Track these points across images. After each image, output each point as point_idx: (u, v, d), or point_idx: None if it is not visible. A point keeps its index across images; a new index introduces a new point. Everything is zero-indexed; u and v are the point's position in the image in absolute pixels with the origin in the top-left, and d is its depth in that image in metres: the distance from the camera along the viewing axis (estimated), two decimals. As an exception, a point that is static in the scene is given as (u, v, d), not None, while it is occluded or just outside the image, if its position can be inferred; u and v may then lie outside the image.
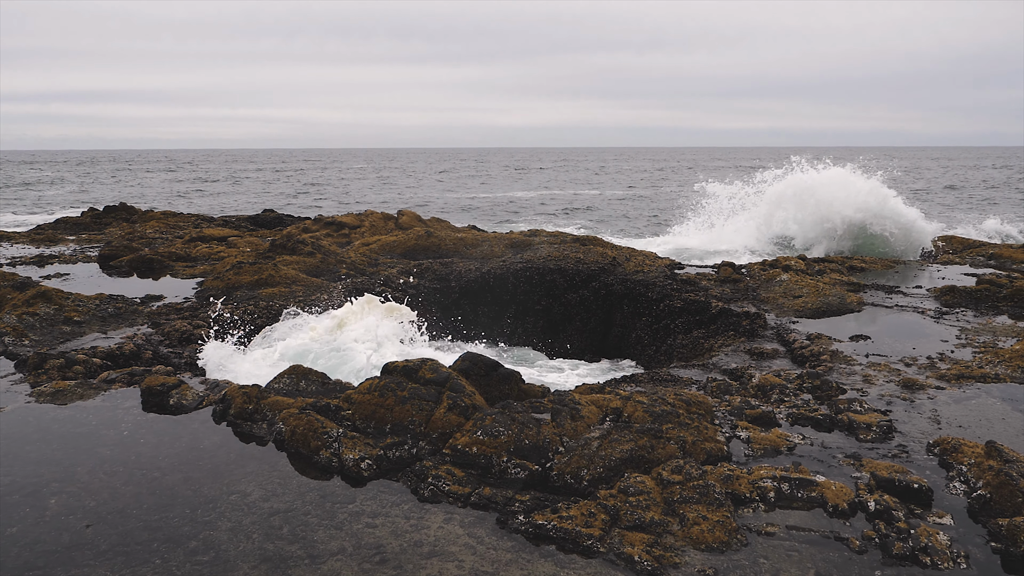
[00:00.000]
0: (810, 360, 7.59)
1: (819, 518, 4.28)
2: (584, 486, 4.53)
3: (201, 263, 13.38)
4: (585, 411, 5.30)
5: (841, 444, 5.34)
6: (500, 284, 12.66)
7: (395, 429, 5.16)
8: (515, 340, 12.51)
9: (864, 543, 4.01)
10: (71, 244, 16.44)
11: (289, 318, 9.17)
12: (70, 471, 4.83)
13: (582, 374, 10.51)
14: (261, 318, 9.60)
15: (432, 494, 4.52)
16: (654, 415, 5.22)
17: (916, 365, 7.31)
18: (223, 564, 3.79)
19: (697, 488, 4.35)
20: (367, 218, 17.34)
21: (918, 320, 9.35)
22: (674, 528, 4.09)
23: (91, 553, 3.89)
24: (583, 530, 4.03)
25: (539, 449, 4.82)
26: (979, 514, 4.33)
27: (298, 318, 9.16)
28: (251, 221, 20.67)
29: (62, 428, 5.57)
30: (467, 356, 6.01)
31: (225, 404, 5.82)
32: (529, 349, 12.30)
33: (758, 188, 22.03)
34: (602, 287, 12.32)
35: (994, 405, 6.16)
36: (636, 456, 4.70)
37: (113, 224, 19.65)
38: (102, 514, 4.28)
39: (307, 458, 5.01)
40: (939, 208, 33.37)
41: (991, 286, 10.67)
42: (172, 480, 4.72)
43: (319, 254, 13.04)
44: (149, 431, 5.54)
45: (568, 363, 11.32)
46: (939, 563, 3.81)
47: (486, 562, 3.83)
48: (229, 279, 10.93)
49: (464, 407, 5.25)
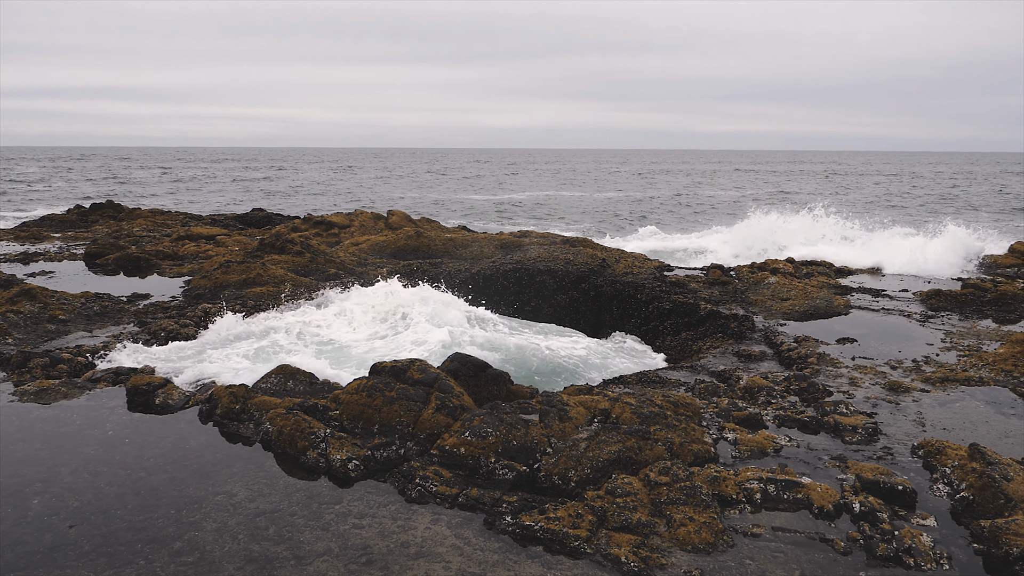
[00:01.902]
0: (797, 362, 7.63)
1: (805, 519, 4.30)
2: (572, 487, 4.53)
3: (189, 262, 13.31)
4: (573, 412, 5.30)
5: (827, 446, 5.37)
6: (490, 285, 12.66)
7: (383, 430, 5.15)
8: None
9: (849, 544, 4.04)
10: (57, 241, 16.31)
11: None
12: (53, 471, 4.79)
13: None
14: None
15: (419, 495, 4.51)
16: (642, 416, 5.23)
17: (901, 368, 7.36)
18: (208, 565, 3.77)
19: (684, 489, 4.36)
20: (357, 218, 17.29)
21: (904, 323, 9.42)
22: (661, 529, 4.10)
23: (74, 554, 3.86)
24: (570, 531, 4.03)
25: (527, 450, 4.82)
26: (962, 516, 4.36)
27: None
28: (240, 220, 20.58)
29: (45, 427, 5.52)
30: (456, 357, 6.00)
31: (211, 404, 5.79)
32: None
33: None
34: (592, 288, 12.34)
35: (978, 408, 6.22)
36: (624, 457, 4.70)
37: (100, 222, 19.52)
38: (85, 514, 4.25)
39: (294, 458, 4.99)
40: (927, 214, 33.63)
41: (976, 290, 10.76)
42: (157, 480, 4.69)
43: (308, 253, 13.00)
44: (134, 431, 5.51)
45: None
46: (922, 564, 3.84)
47: (473, 563, 3.82)
48: (217, 278, 10.88)
49: (452, 408, 5.24)
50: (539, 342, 9.74)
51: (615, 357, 9.52)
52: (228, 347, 8.20)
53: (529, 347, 9.20)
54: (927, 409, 6.17)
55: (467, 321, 10.10)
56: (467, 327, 9.82)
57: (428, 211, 28.04)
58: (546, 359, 8.89)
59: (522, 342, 9.39)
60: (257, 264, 11.41)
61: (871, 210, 31.89)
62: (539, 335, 10.58)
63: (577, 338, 10.73)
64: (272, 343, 8.47)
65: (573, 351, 9.49)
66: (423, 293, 10.52)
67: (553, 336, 10.73)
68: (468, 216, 28.56)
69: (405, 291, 10.49)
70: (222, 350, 8.03)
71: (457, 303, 10.55)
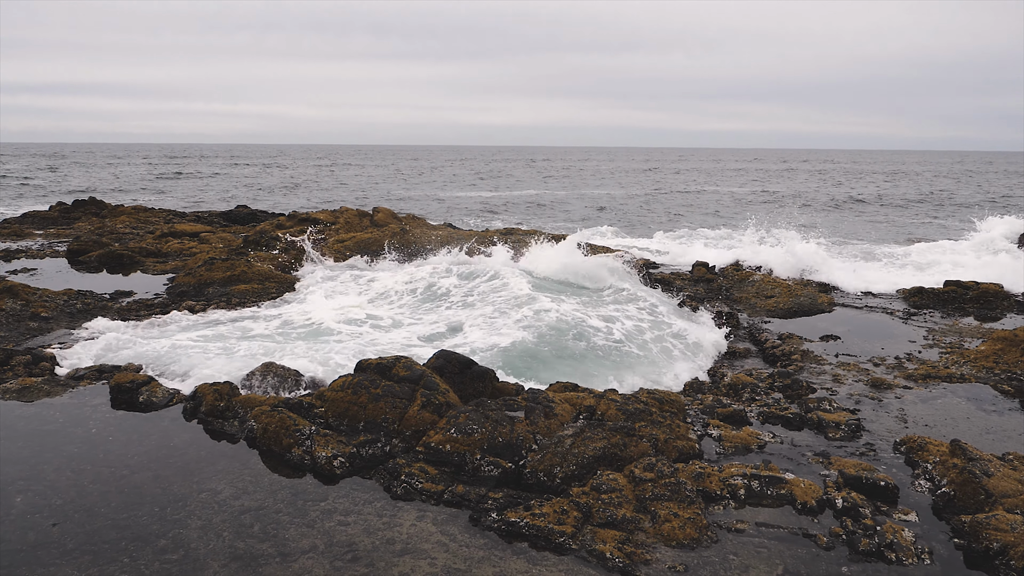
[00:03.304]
0: (781, 359, 7.69)
1: (788, 515, 4.34)
2: (557, 483, 4.55)
3: (172, 259, 13.21)
4: (559, 409, 5.31)
5: (810, 442, 5.42)
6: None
7: (368, 427, 5.14)
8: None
9: (831, 540, 4.08)
10: (38, 238, 16.14)
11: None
12: (36, 469, 4.75)
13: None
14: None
15: (405, 492, 4.51)
16: (627, 413, 5.25)
17: (884, 365, 7.43)
18: (193, 562, 3.75)
19: (669, 486, 4.39)
20: (342, 215, 17.22)
21: (887, 321, 9.51)
22: (646, 525, 4.12)
23: (57, 552, 3.83)
24: (556, 527, 4.04)
25: (513, 447, 4.83)
26: (943, 511, 4.42)
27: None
28: (224, 217, 20.44)
29: (28, 425, 5.47)
30: (441, 354, 6.00)
31: (196, 401, 5.76)
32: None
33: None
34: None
35: (959, 404, 6.29)
36: (609, 454, 4.72)
37: (82, 218, 19.33)
38: (69, 512, 4.22)
39: (279, 456, 4.97)
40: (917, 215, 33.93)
41: (958, 288, 10.88)
42: (141, 478, 4.66)
43: (293, 250, 12.94)
44: (118, 429, 5.47)
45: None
46: (904, 559, 3.88)
47: (459, 559, 3.83)
48: (201, 275, 10.81)
49: (438, 405, 5.24)
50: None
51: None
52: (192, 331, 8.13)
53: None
54: (909, 406, 6.24)
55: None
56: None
57: (413, 208, 27.97)
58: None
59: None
60: (241, 261, 11.35)
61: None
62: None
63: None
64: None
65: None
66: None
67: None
68: (453, 213, 28.53)
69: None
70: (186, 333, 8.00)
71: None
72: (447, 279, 10.32)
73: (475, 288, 9.94)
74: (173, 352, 7.10)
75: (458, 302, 9.55)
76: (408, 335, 8.18)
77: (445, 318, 8.85)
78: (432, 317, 9.01)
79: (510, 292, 9.49)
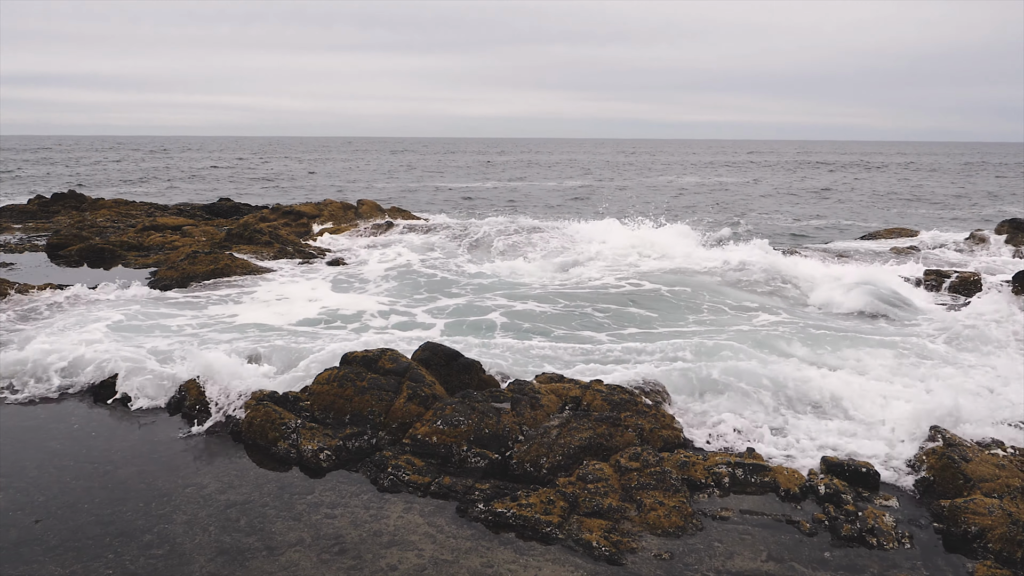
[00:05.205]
0: (765, 348, 7.74)
1: (772, 502, 4.39)
2: (543, 474, 4.57)
3: (155, 252, 13.10)
4: (545, 400, 5.33)
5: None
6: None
7: (354, 419, 5.14)
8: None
9: (814, 526, 4.13)
10: (17, 233, 15.94)
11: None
12: (18, 466, 4.71)
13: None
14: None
15: (392, 484, 4.52)
16: (613, 403, 5.28)
17: (866, 353, 7.49)
18: (179, 557, 3.74)
19: (654, 475, 4.42)
20: (326, 207, 17.15)
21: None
22: (631, 514, 4.15)
23: (40, 549, 3.80)
24: (542, 517, 4.07)
25: (499, 438, 4.85)
26: (923, 496, 4.49)
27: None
28: (206, 210, 20.26)
29: (9, 422, 5.42)
30: (427, 346, 6.00)
31: (180, 396, 5.73)
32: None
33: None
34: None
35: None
36: (595, 444, 4.75)
37: (62, 212, 19.09)
38: (52, 509, 4.19)
39: (265, 449, 4.96)
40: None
41: (937, 275, 10.99)
42: (125, 473, 4.63)
43: (277, 243, 12.87)
44: (101, 424, 5.43)
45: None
46: (885, 544, 3.94)
47: (446, 550, 3.84)
48: (184, 269, 10.72)
49: (424, 397, 5.25)
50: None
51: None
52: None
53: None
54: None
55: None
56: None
57: (398, 200, 27.86)
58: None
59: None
60: (225, 255, 11.27)
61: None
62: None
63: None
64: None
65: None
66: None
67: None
68: (438, 205, 28.47)
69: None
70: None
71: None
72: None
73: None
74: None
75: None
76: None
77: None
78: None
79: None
